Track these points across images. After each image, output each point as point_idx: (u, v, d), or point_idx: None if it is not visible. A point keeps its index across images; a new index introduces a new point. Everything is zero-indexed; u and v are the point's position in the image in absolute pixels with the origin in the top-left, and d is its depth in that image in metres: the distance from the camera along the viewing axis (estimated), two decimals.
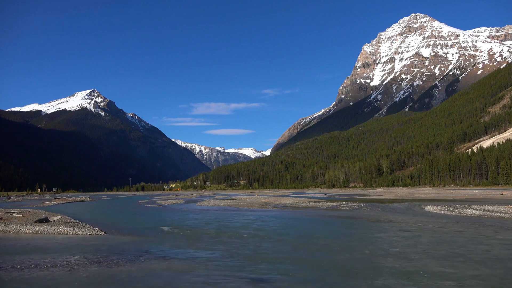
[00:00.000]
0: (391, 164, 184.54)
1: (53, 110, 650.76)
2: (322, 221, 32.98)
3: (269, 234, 24.11)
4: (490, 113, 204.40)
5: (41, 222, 29.06)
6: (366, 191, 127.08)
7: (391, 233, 23.75)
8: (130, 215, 44.49)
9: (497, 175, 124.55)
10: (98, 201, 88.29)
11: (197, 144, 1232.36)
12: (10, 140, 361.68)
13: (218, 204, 59.87)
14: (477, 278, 12.93)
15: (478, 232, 22.70)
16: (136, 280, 13.28)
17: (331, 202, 58.27)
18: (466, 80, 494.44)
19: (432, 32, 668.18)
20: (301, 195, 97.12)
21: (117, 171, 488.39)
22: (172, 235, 24.79)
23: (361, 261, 15.76)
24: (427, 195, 75.00)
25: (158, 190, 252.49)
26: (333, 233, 24.95)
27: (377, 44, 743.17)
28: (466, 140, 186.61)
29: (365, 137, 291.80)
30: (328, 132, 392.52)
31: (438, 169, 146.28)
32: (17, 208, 50.26)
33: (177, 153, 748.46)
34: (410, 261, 15.58)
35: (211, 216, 37.99)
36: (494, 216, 31.30)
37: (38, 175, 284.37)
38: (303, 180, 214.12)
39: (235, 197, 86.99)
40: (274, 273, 14.10)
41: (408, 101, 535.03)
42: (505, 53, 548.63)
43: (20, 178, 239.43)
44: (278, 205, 54.13)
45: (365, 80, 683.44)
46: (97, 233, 25.02)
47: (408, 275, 13.38)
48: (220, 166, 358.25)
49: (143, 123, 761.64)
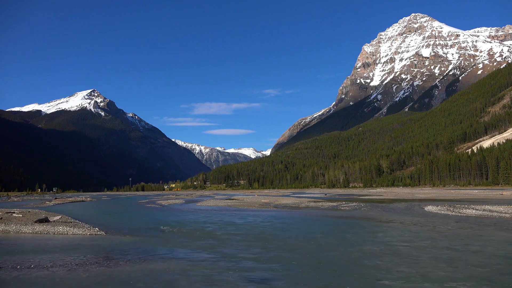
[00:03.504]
0: (391, 164, 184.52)
1: (53, 110, 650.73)
2: (322, 221, 32.99)
3: (269, 234, 24.11)
4: (490, 113, 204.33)
5: (41, 222, 29.06)
6: (366, 191, 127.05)
7: (391, 233, 23.75)
8: (130, 215, 44.50)
9: (497, 175, 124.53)
10: (98, 201, 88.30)
11: (197, 144, 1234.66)
12: (10, 140, 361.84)
13: (218, 204, 59.87)
14: (477, 278, 12.92)
15: (478, 232, 22.70)
16: (136, 280, 13.27)
17: (331, 202, 58.26)
18: (466, 80, 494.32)
19: (432, 32, 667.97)
20: (301, 195, 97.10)
21: (117, 171, 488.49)
22: (172, 235, 24.79)
23: (361, 261, 15.76)
24: (427, 195, 74.99)
25: (158, 190, 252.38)
26: (333, 233, 24.95)
27: (377, 44, 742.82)
28: (466, 140, 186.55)
29: (365, 137, 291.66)
30: (328, 132, 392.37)
31: (438, 169, 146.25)
32: (17, 208, 50.26)
33: (177, 153, 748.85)
34: (410, 261, 15.58)
35: (211, 216, 37.99)
36: (494, 216, 31.30)
37: (38, 175, 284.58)
38: (303, 180, 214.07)
39: (235, 197, 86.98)
40: (274, 273, 14.09)
41: (408, 101, 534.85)
42: (505, 53, 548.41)
43: (20, 178, 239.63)
44: (278, 205, 54.13)
45: (365, 80, 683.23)
46: (97, 233, 25.03)
47: (408, 275, 13.39)
48: (220, 166, 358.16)
49: (143, 123, 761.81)
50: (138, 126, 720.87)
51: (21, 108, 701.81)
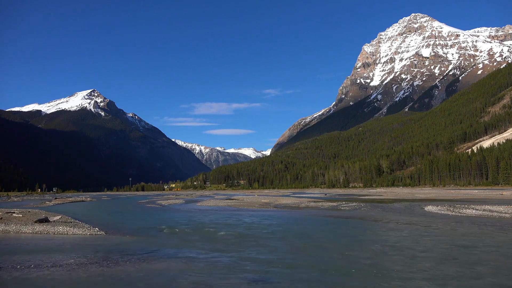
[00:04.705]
0: (391, 164, 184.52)
1: (53, 110, 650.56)
2: (322, 221, 32.98)
3: (269, 234, 24.11)
4: (490, 113, 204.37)
5: (41, 222, 29.06)
6: (366, 191, 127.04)
7: (391, 233, 23.76)
8: (130, 215, 44.49)
9: (497, 175, 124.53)
10: (98, 201, 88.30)
11: (197, 144, 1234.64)
12: (10, 140, 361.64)
13: (218, 204, 59.87)
14: (476, 278, 12.93)
15: (478, 232, 22.70)
16: (136, 280, 13.28)
17: (331, 202, 58.26)
18: (466, 80, 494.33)
19: (432, 32, 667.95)
20: (301, 195, 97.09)
21: (117, 171, 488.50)
22: (172, 235, 24.80)
23: (361, 261, 15.76)
24: (427, 195, 74.99)
25: (158, 190, 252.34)
26: (333, 233, 24.95)
27: (377, 44, 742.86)
28: (466, 140, 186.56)
29: (365, 137, 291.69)
30: (328, 132, 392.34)
31: (438, 169, 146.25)
32: (17, 208, 50.25)
33: (177, 153, 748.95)
34: (410, 261, 15.58)
35: (211, 216, 38.00)
36: (494, 216, 31.30)
37: (38, 175, 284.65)
38: (303, 180, 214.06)
39: (235, 197, 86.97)
40: (274, 273, 14.09)
41: (408, 101, 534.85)
42: (505, 53, 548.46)
43: (20, 178, 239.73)
44: (278, 205, 54.12)
45: (365, 80, 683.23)
46: (97, 233, 25.03)
47: (408, 275, 13.39)
48: (220, 166, 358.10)
49: (143, 123, 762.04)
50: (138, 126, 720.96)
51: (21, 108, 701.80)
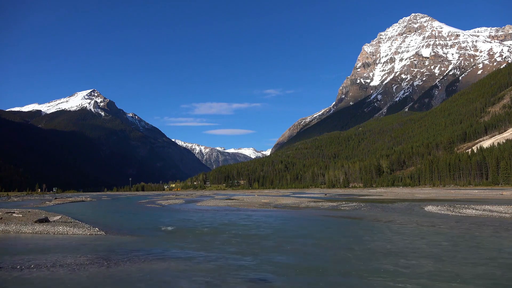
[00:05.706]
0: (391, 164, 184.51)
1: (53, 110, 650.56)
2: (322, 221, 32.99)
3: (269, 234, 24.12)
4: (490, 113, 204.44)
5: (41, 222, 29.07)
6: (366, 191, 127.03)
7: (391, 233, 23.76)
8: (130, 215, 44.50)
9: (497, 175, 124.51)
10: (98, 201, 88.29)
11: (197, 144, 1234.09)
12: (10, 140, 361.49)
13: (218, 204, 59.87)
14: (476, 278, 12.94)
15: (477, 232, 22.71)
16: (136, 280, 13.28)
17: (331, 202, 58.27)
18: (466, 80, 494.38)
19: (432, 32, 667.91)
20: (301, 195, 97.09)
21: (117, 171, 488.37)
22: (172, 235, 24.80)
23: (361, 261, 15.76)
24: (427, 195, 74.99)
25: (158, 190, 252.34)
26: (333, 233, 24.95)
27: (377, 44, 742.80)
28: (466, 140, 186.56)
29: (365, 137, 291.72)
30: (328, 132, 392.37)
31: (438, 169, 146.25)
32: (17, 208, 50.26)
33: (177, 153, 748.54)
34: (410, 260, 15.58)
35: (211, 216, 38.01)
36: (494, 216, 31.30)
37: (38, 175, 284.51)
38: (303, 180, 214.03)
39: (235, 197, 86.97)
40: (274, 273, 14.10)
41: (408, 101, 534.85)
42: (505, 53, 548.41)
43: (20, 178, 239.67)
44: (278, 205, 54.13)
45: (365, 80, 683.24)
46: (97, 233, 25.03)
47: (407, 275, 13.39)
48: (220, 166, 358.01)
49: (143, 123, 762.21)
50: (138, 126, 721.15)
51: (21, 108, 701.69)
